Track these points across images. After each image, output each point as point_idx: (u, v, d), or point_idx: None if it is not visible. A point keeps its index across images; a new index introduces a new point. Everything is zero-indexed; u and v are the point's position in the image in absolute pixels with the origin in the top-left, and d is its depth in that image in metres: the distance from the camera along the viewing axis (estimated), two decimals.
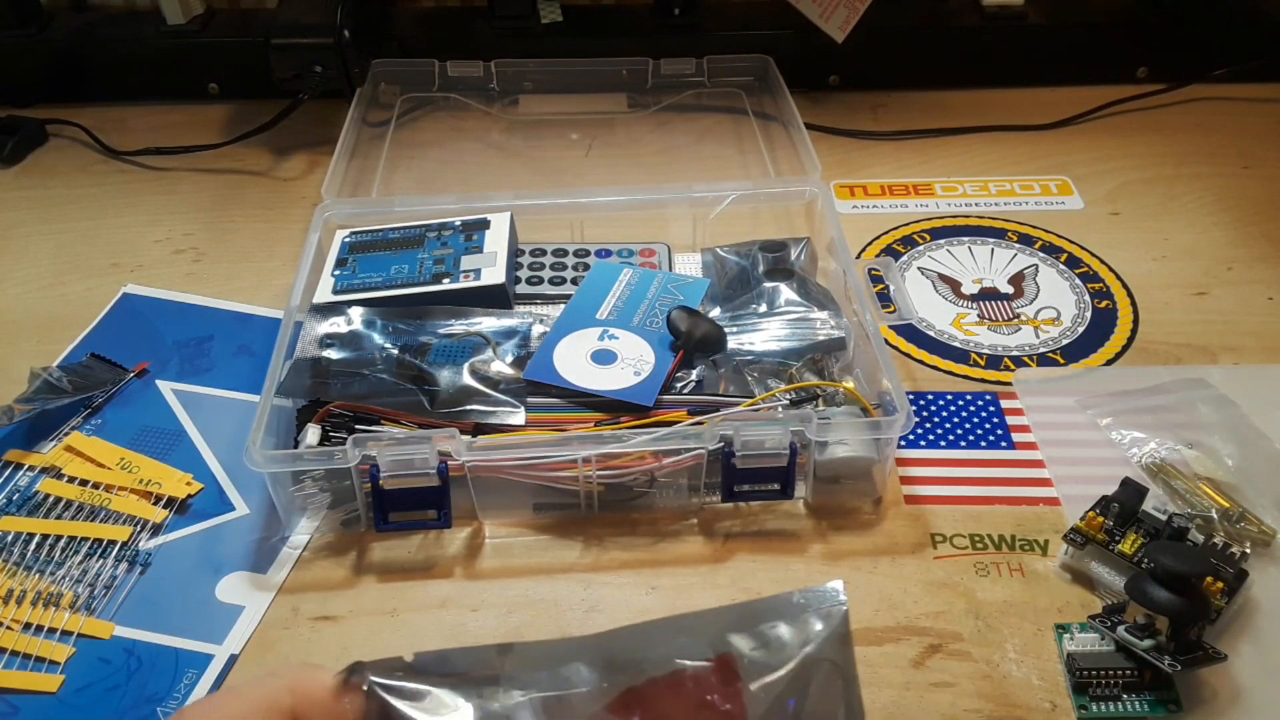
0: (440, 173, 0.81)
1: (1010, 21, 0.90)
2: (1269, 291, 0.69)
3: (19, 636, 0.49)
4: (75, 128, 0.86)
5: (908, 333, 0.66)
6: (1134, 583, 0.46)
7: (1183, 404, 0.59)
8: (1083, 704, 0.45)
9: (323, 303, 0.62)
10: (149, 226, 0.77)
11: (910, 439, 0.58)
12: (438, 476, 0.51)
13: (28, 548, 0.53)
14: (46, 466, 0.57)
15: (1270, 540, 0.51)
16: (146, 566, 0.52)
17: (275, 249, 0.74)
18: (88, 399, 0.61)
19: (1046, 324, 0.67)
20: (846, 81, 0.91)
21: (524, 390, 0.56)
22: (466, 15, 0.93)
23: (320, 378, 0.57)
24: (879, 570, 0.52)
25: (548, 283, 0.67)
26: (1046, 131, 0.86)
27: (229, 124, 0.87)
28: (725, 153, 0.83)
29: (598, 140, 0.84)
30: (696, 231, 0.71)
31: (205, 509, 0.55)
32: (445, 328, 0.61)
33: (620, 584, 0.51)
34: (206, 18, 0.90)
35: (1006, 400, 0.61)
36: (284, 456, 0.52)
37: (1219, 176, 0.81)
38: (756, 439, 0.51)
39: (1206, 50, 0.89)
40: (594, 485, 0.53)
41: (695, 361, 0.58)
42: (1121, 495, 0.51)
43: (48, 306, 0.70)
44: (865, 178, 0.81)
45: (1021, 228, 0.75)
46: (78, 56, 0.89)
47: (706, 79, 0.87)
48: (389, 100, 0.87)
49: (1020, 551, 0.52)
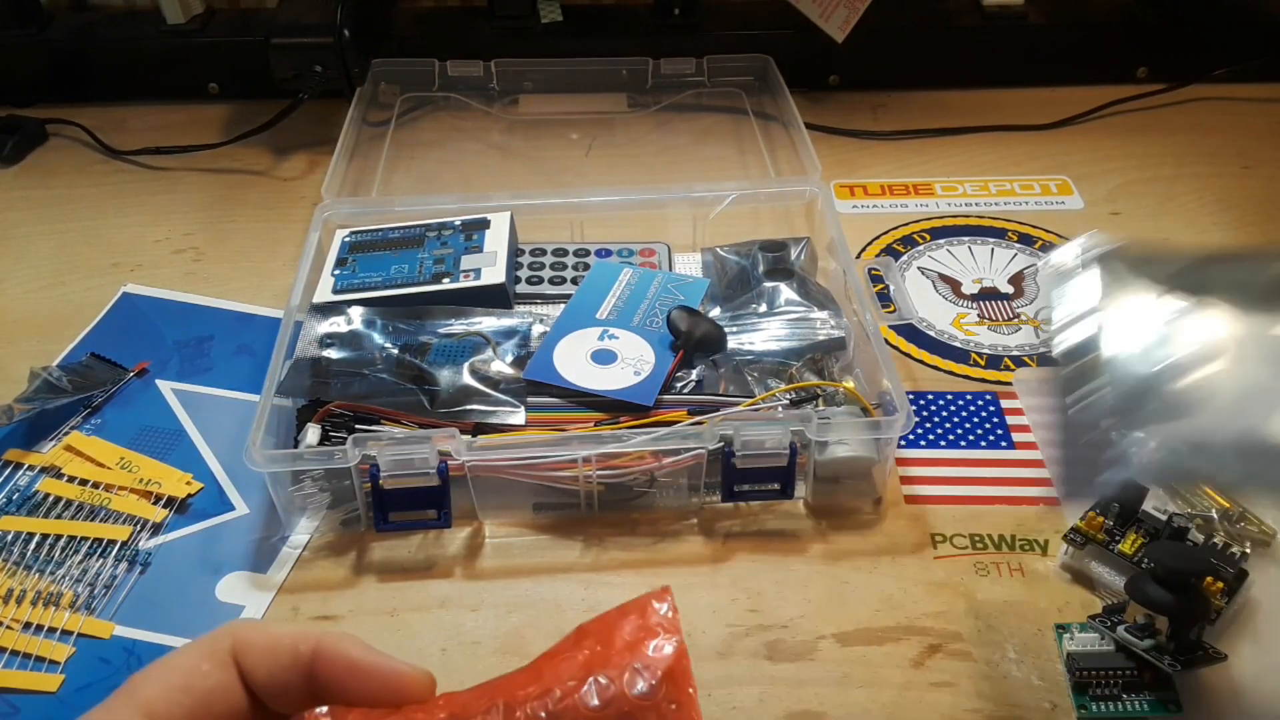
0: (440, 173, 0.81)
1: (1010, 21, 0.90)
2: None
3: (19, 636, 0.49)
4: (75, 128, 0.86)
5: (908, 333, 0.66)
6: (1134, 583, 0.46)
7: None
8: (1083, 704, 0.45)
9: (323, 302, 0.62)
10: (149, 226, 0.77)
11: (910, 439, 0.58)
12: (438, 476, 0.51)
13: (28, 547, 0.53)
14: (46, 466, 0.57)
15: (1270, 540, 0.51)
16: (146, 566, 0.52)
17: (275, 249, 0.74)
18: (88, 399, 0.61)
19: (1047, 324, 0.67)
20: (846, 81, 0.91)
21: (524, 390, 0.56)
22: (466, 15, 0.93)
23: (320, 378, 0.57)
24: (879, 570, 0.52)
25: (548, 283, 0.67)
26: (1046, 131, 0.86)
27: (229, 124, 0.87)
28: (725, 153, 0.83)
29: (598, 140, 0.84)
30: (696, 231, 0.71)
31: (205, 509, 0.55)
32: (445, 327, 0.61)
33: (620, 584, 0.51)
34: (206, 17, 0.90)
35: (1006, 400, 0.61)
36: (284, 456, 0.52)
37: (1219, 176, 0.81)
38: (756, 439, 0.51)
39: (1206, 50, 0.89)
40: (594, 485, 0.53)
41: (695, 361, 0.58)
42: (1121, 495, 0.51)
43: (48, 306, 0.70)
44: (865, 178, 0.81)
45: (1021, 228, 0.75)
46: (78, 56, 0.89)
47: (706, 79, 0.87)
48: (389, 100, 0.87)
49: (1020, 551, 0.52)
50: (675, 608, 0.27)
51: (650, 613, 0.27)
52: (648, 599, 0.27)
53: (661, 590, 0.27)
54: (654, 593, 0.27)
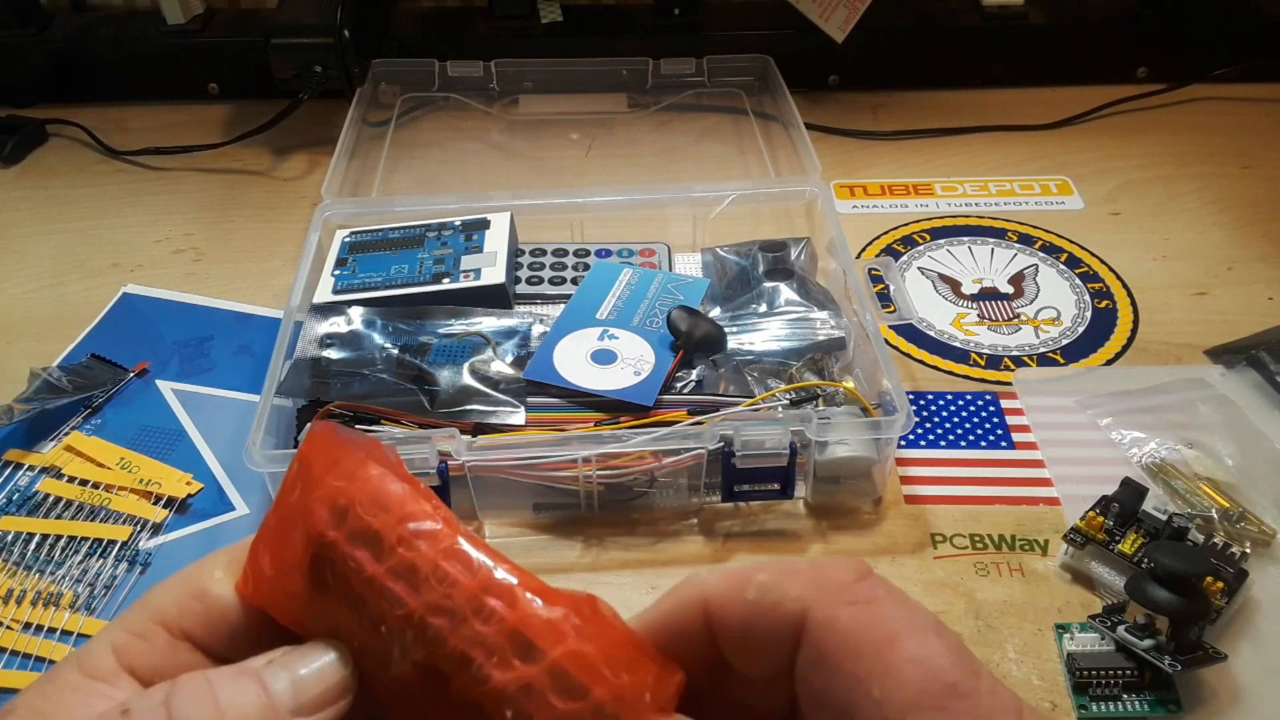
0: (440, 173, 0.81)
1: (1010, 21, 0.90)
2: (1269, 291, 0.69)
3: (19, 636, 0.49)
4: (75, 128, 0.86)
5: (908, 333, 0.66)
6: (1134, 583, 0.46)
7: (1183, 404, 0.59)
8: (1083, 704, 0.45)
9: (323, 303, 0.62)
10: (149, 226, 0.77)
11: (910, 439, 0.58)
12: (438, 476, 0.51)
13: (28, 548, 0.53)
14: (46, 466, 0.57)
15: (1270, 540, 0.51)
16: (146, 566, 0.52)
17: (275, 249, 0.74)
18: (88, 399, 0.61)
19: (1046, 324, 0.67)
20: (846, 81, 0.91)
21: (524, 390, 0.56)
22: (466, 15, 0.93)
23: (320, 378, 0.57)
24: (879, 570, 0.51)
25: (548, 283, 0.67)
26: (1046, 131, 0.86)
27: (229, 124, 0.87)
28: (725, 153, 0.83)
29: (598, 140, 0.84)
30: (696, 231, 0.71)
31: (205, 509, 0.56)
32: (445, 327, 0.61)
33: (620, 584, 0.51)
34: (206, 18, 0.90)
35: (1006, 400, 0.61)
36: (284, 456, 0.52)
37: (1219, 176, 0.81)
38: (756, 439, 0.51)
39: (1206, 50, 0.89)
40: (594, 485, 0.53)
41: (695, 361, 0.58)
42: (1121, 495, 0.51)
43: (48, 306, 0.70)
44: (865, 178, 0.81)
45: (1021, 228, 0.75)
46: (78, 56, 0.89)
47: (706, 79, 0.87)
48: (389, 100, 0.87)
49: (1020, 551, 0.52)
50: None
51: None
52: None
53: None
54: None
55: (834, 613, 0.22)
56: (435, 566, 0.24)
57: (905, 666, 0.22)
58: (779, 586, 0.23)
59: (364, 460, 0.25)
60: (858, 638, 0.22)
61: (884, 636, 0.22)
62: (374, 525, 0.24)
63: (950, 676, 0.21)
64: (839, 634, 0.22)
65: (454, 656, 0.23)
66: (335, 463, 0.25)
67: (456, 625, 0.23)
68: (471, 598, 0.23)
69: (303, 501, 0.25)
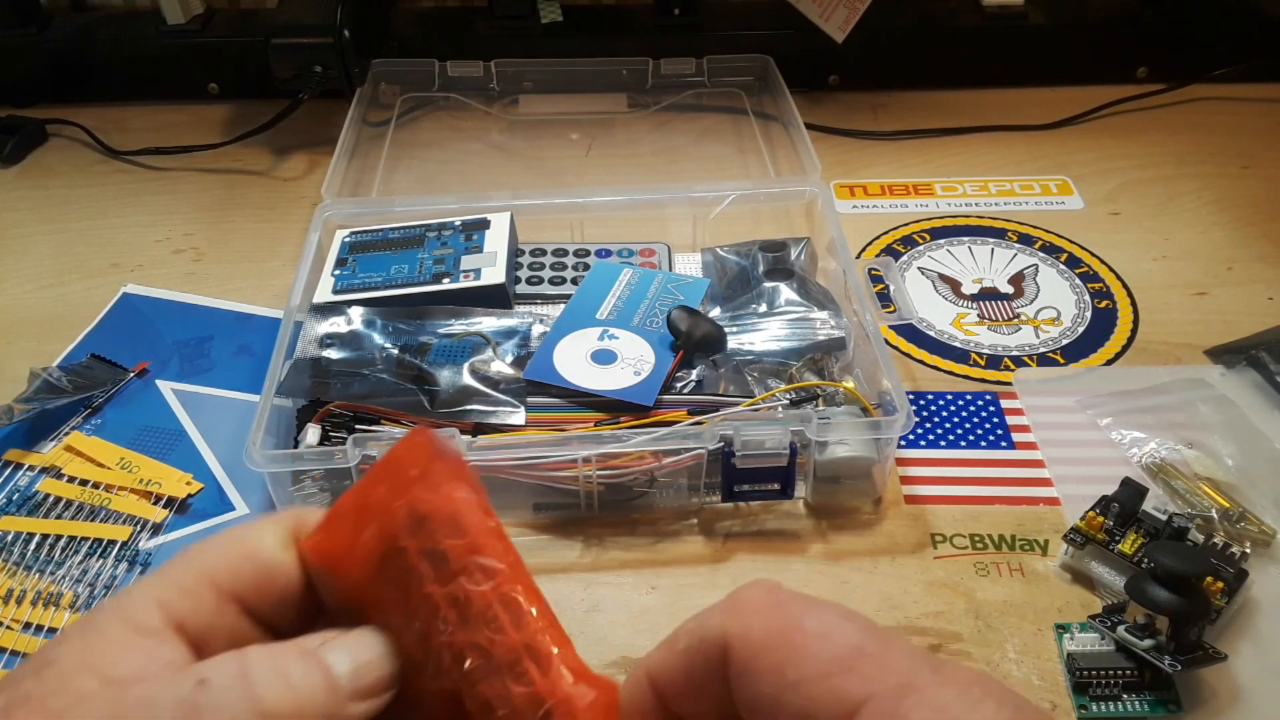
0: (440, 173, 0.81)
1: (1010, 21, 0.90)
2: (1269, 291, 0.69)
3: (19, 636, 0.49)
4: (75, 128, 0.86)
5: (908, 333, 0.66)
6: (1134, 583, 0.46)
7: (1183, 404, 0.59)
8: (1083, 704, 0.45)
9: (323, 303, 0.62)
10: (149, 226, 0.77)
11: (910, 439, 0.58)
12: None
13: (28, 548, 0.53)
14: (46, 466, 0.57)
15: (1270, 540, 0.51)
16: (146, 566, 0.52)
17: (275, 249, 0.74)
18: (88, 399, 0.61)
19: (1046, 324, 0.67)
20: (846, 81, 0.91)
21: (524, 390, 0.56)
22: (466, 15, 0.93)
23: (320, 378, 0.57)
24: (879, 570, 0.52)
25: (548, 283, 0.67)
26: (1046, 131, 0.86)
27: (229, 124, 0.87)
28: (725, 153, 0.83)
29: (598, 140, 0.84)
30: (696, 231, 0.71)
31: (205, 509, 0.56)
32: (445, 327, 0.61)
33: (620, 584, 0.51)
34: (206, 18, 0.90)
35: (1006, 400, 0.61)
36: (284, 456, 0.52)
37: (1219, 176, 0.81)
38: (756, 439, 0.51)
39: (1206, 50, 0.89)
40: (594, 485, 0.53)
41: (695, 361, 0.58)
42: (1121, 495, 0.51)
43: (48, 306, 0.70)
44: (865, 178, 0.81)
45: (1021, 228, 0.75)
46: (78, 56, 0.89)
47: (706, 79, 0.87)
48: (389, 100, 0.87)
49: (1020, 551, 0.52)
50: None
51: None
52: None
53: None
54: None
55: (747, 625, 0.24)
56: (488, 607, 0.24)
57: (809, 642, 0.23)
58: (701, 625, 0.25)
59: (454, 480, 0.25)
60: (768, 636, 0.24)
61: (789, 625, 0.24)
62: (444, 546, 0.24)
63: (854, 641, 0.23)
64: (753, 641, 0.24)
65: (481, 700, 0.24)
66: (427, 473, 0.25)
67: (490, 674, 0.24)
68: (511, 651, 0.24)
69: (386, 500, 0.25)
